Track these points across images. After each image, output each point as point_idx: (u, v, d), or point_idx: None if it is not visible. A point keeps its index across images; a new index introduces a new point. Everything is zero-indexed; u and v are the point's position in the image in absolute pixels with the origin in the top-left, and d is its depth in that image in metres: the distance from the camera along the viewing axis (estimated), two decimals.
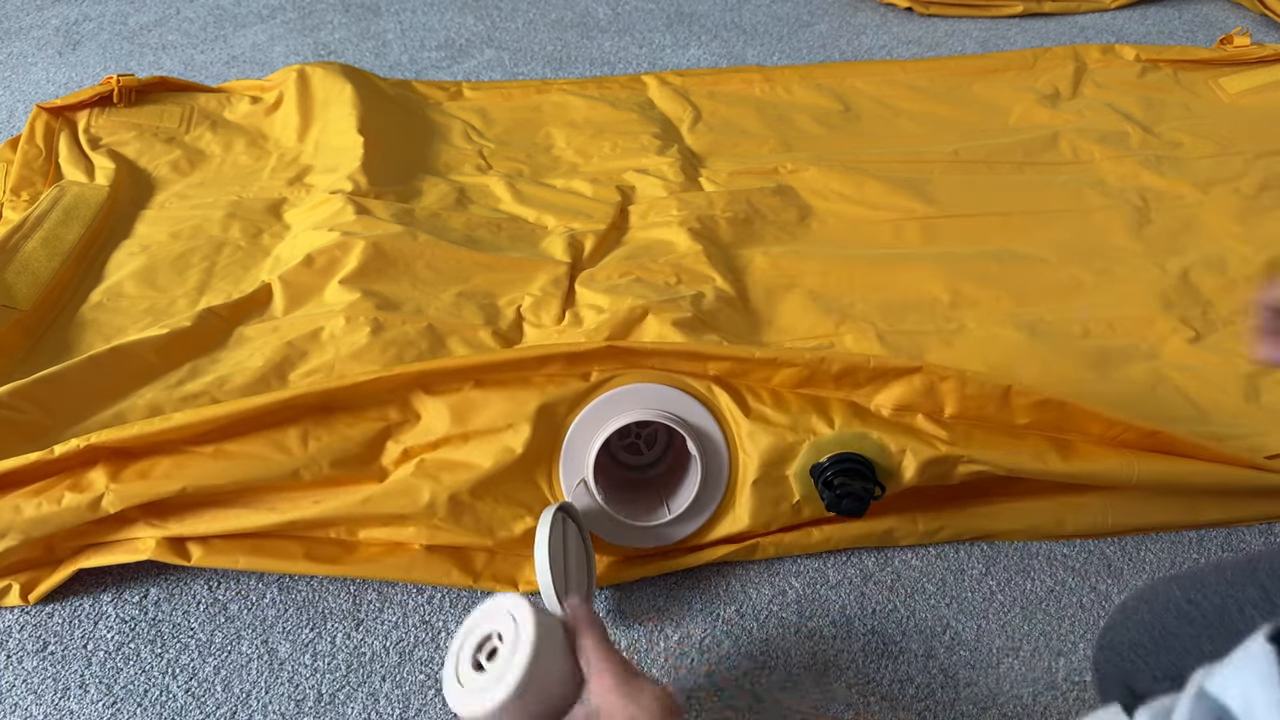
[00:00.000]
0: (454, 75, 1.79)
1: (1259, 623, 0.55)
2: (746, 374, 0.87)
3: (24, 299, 1.08)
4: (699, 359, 0.86)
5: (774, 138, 1.50)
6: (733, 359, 0.85)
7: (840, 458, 0.85)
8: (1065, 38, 1.91)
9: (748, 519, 0.89)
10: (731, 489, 0.89)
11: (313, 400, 0.84)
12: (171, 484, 0.82)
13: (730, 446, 0.88)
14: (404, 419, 0.86)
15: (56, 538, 0.87)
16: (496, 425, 0.85)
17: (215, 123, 1.46)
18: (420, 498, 0.84)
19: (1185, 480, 0.91)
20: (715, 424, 0.87)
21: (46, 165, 1.34)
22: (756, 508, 0.89)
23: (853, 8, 2.04)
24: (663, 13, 2.03)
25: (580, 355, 0.85)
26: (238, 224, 1.24)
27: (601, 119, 1.52)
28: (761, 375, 0.87)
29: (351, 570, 0.88)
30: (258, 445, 0.84)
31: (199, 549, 0.87)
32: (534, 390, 0.86)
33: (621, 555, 0.91)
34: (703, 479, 0.87)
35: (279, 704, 0.83)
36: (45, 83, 1.76)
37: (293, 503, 0.85)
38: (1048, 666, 0.86)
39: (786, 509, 0.89)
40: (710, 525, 0.90)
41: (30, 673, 0.85)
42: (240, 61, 1.85)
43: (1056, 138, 1.47)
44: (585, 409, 0.86)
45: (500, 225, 1.25)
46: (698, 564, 0.92)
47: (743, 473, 0.88)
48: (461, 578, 0.89)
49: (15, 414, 0.89)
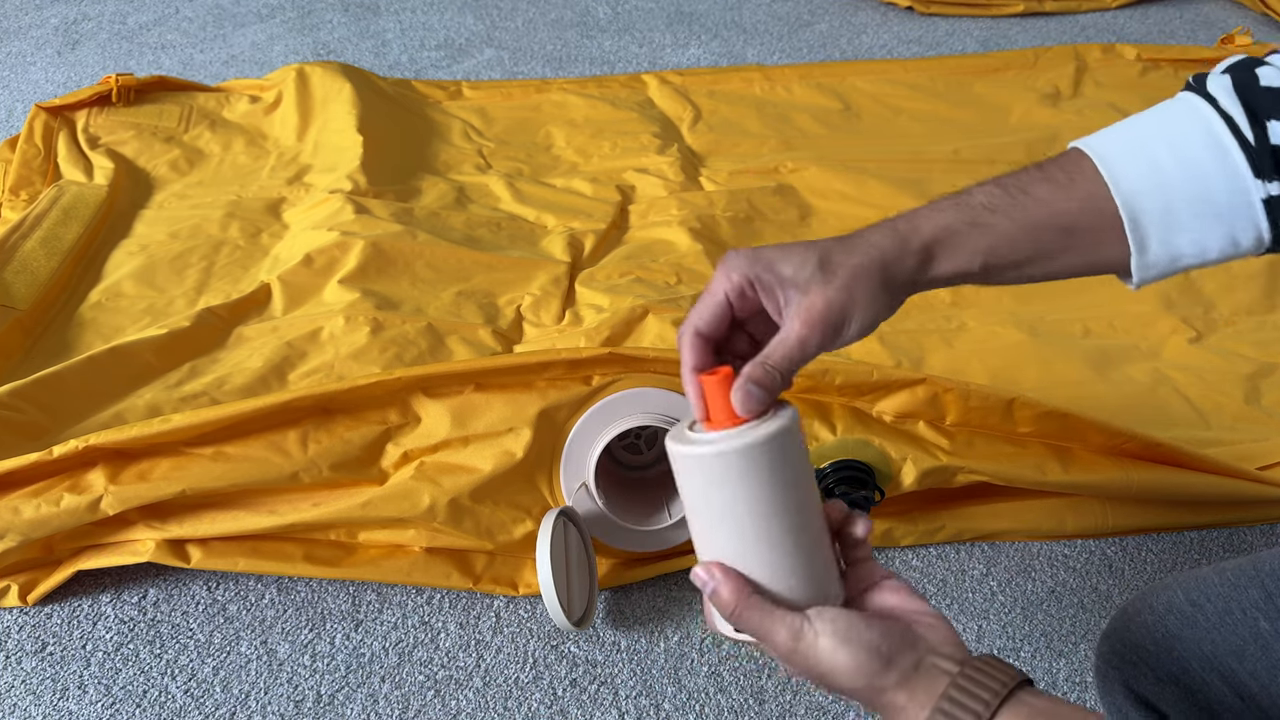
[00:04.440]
0: (454, 75, 1.79)
1: (1261, 625, 0.55)
2: None
3: (23, 299, 1.08)
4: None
5: (774, 137, 1.49)
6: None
7: (842, 465, 0.85)
8: (1066, 37, 1.91)
9: None
10: None
11: (312, 403, 0.83)
12: (171, 486, 0.82)
13: None
14: (404, 422, 0.86)
15: (55, 539, 0.87)
16: (497, 429, 0.85)
17: (214, 122, 1.46)
18: (420, 501, 0.84)
19: (1184, 490, 0.91)
20: None
21: (45, 165, 1.34)
22: None
23: (853, 7, 2.04)
24: (663, 12, 2.03)
25: (581, 361, 0.84)
26: (237, 223, 1.24)
27: (601, 118, 1.52)
28: None
29: (351, 573, 0.88)
30: (257, 448, 0.83)
31: (198, 551, 0.87)
32: (535, 394, 0.85)
33: (622, 558, 0.91)
34: None
35: (278, 705, 0.83)
36: (44, 82, 1.76)
37: (292, 505, 0.85)
38: (1048, 666, 0.86)
39: None
40: None
41: (29, 673, 0.84)
42: (239, 61, 1.84)
43: (1057, 137, 1.47)
44: (586, 413, 0.86)
45: (500, 224, 1.25)
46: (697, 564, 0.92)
47: None
48: (461, 580, 0.88)
49: (14, 414, 0.89)
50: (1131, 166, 0.54)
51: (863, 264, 0.54)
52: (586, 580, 0.86)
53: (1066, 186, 0.55)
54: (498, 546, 0.86)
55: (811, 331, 0.52)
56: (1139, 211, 0.54)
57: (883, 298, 0.55)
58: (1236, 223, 0.53)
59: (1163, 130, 0.54)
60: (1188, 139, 0.53)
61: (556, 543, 0.81)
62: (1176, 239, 0.54)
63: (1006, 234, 0.55)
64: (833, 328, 0.53)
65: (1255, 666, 0.54)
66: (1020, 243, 0.55)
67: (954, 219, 0.55)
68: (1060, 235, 0.55)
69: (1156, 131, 0.55)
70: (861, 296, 0.53)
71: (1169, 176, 0.53)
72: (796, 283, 0.53)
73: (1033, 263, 0.56)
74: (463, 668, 0.85)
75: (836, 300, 0.53)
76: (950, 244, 0.54)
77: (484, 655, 0.86)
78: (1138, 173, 0.54)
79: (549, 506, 0.86)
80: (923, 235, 0.54)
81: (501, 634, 0.88)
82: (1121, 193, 0.53)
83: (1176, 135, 0.54)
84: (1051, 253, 0.56)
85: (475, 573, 0.89)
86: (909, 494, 0.90)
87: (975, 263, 0.55)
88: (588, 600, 0.85)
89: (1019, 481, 0.89)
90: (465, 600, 0.91)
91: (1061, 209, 0.55)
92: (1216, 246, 0.54)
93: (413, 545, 0.88)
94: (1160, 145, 0.54)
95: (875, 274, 0.54)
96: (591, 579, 0.87)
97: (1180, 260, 0.55)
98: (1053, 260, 0.56)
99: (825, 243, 0.55)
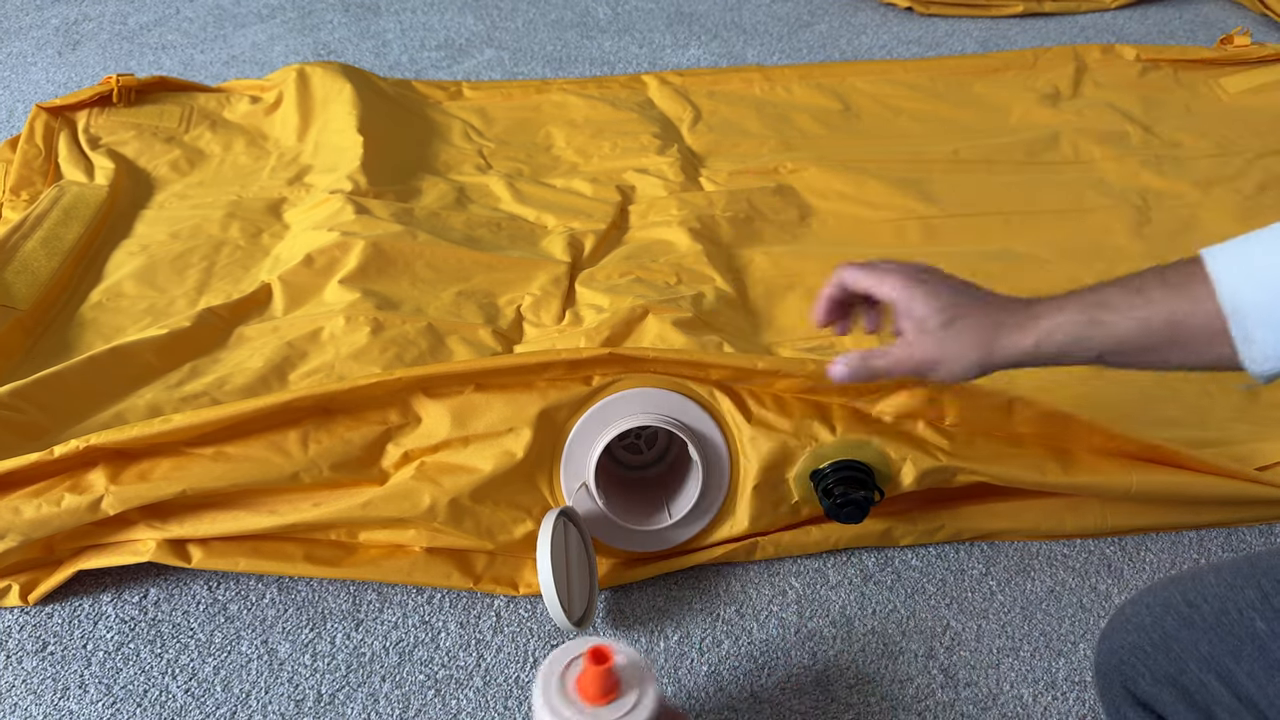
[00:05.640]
0: (454, 75, 1.79)
1: (1258, 625, 0.55)
2: (749, 379, 0.87)
3: (23, 299, 1.08)
4: (700, 368, 0.86)
5: (774, 137, 1.49)
6: (734, 369, 0.86)
7: (841, 465, 0.85)
8: (1065, 37, 1.91)
9: (747, 522, 0.89)
10: (732, 493, 0.89)
11: (313, 403, 0.83)
12: (171, 486, 0.82)
13: (731, 451, 0.88)
14: (404, 422, 0.86)
15: (56, 539, 0.87)
16: (497, 429, 0.85)
17: (215, 122, 1.46)
18: (421, 501, 0.84)
19: (1182, 491, 0.91)
20: (717, 429, 0.87)
21: (46, 165, 1.34)
22: (756, 512, 0.88)
23: (853, 7, 2.04)
24: (663, 13, 2.03)
25: (582, 361, 0.85)
26: (237, 224, 1.24)
27: (601, 119, 1.52)
28: (763, 381, 0.87)
29: (351, 572, 0.88)
30: (258, 448, 0.83)
31: (199, 551, 0.87)
32: (535, 394, 0.85)
33: (622, 558, 0.91)
34: (704, 484, 0.87)
35: (279, 704, 0.83)
36: (45, 82, 1.76)
37: (293, 505, 0.85)
38: (1048, 666, 0.86)
39: (786, 511, 0.89)
40: (710, 529, 0.90)
41: (30, 673, 0.85)
42: (240, 61, 1.85)
43: (1057, 137, 1.47)
44: (586, 413, 0.86)
45: (500, 225, 1.25)
46: (697, 564, 0.92)
47: (743, 477, 0.88)
48: (461, 580, 0.89)
49: (15, 414, 0.89)
50: (1233, 266, 0.59)
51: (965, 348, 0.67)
52: (587, 580, 0.86)
53: (1178, 288, 0.61)
54: (498, 546, 0.87)
55: (902, 369, 0.70)
56: (1242, 310, 0.58)
57: (971, 374, 0.69)
58: None
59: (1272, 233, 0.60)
60: None
61: (557, 543, 0.81)
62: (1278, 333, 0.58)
63: (1120, 334, 0.62)
64: (919, 373, 0.70)
65: (1252, 667, 0.54)
66: (1131, 341, 0.62)
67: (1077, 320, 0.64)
68: (1170, 331, 0.61)
69: (1267, 235, 0.60)
70: (957, 369, 0.68)
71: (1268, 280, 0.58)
72: (922, 326, 0.69)
73: (1143, 354, 0.63)
74: (463, 667, 0.86)
75: (933, 357, 0.68)
76: (1072, 354, 0.65)
77: (484, 655, 0.87)
78: (1238, 272, 0.59)
79: (549, 506, 0.86)
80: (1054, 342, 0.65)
81: (502, 633, 0.88)
82: (1224, 293, 0.58)
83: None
84: (1159, 348, 0.62)
85: (476, 572, 0.89)
86: (908, 494, 0.90)
87: (1091, 355, 0.65)
88: (588, 600, 0.85)
89: (1019, 482, 0.89)
90: (466, 600, 0.91)
91: (1172, 306, 0.60)
92: None
93: (413, 545, 0.88)
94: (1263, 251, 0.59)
95: (974, 362, 0.67)
96: (592, 579, 0.87)
97: None
98: (1161, 353, 0.62)
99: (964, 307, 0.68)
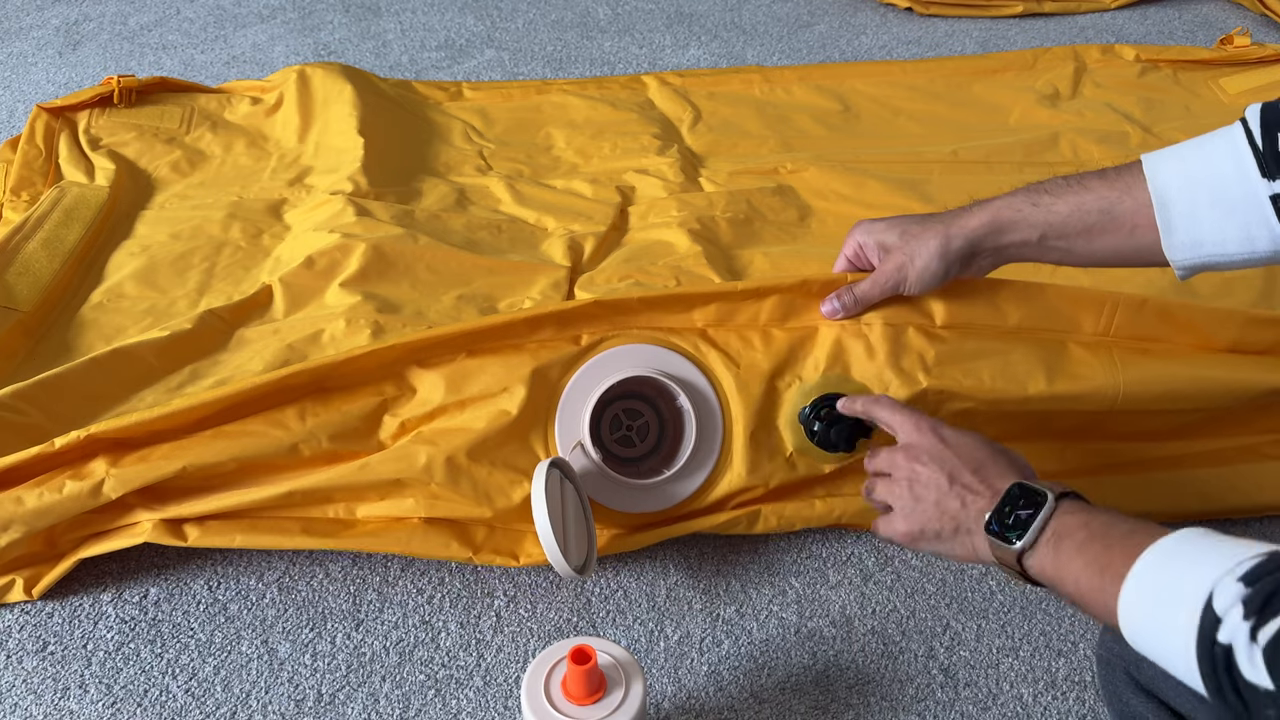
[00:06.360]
0: (454, 75, 1.79)
1: None
2: (733, 315, 0.89)
3: (25, 300, 1.08)
4: (685, 302, 0.89)
5: (774, 138, 1.50)
6: (717, 296, 0.89)
7: (822, 400, 0.87)
8: (1065, 38, 1.92)
9: (745, 474, 0.89)
10: (727, 444, 0.90)
11: (308, 378, 0.85)
12: (171, 464, 0.83)
13: (721, 399, 0.89)
14: (400, 393, 0.88)
15: (58, 530, 0.88)
16: (491, 390, 0.87)
17: (215, 123, 1.46)
18: (417, 461, 0.85)
19: (1171, 386, 0.90)
20: (705, 378, 0.89)
21: (46, 166, 1.34)
22: (753, 461, 0.89)
23: (853, 8, 2.05)
24: (663, 13, 2.04)
25: (568, 314, 0.87)
26: (238, 225, 1.24)
27: (601, 119, 1.52)
28: (749, 314, 0.89)
29: (350, 544, 0.89)
30: (256, 424, 0.85)
31: (195, 530, 0.88)
32: (527, 355, 0.88)
33: (624, 527, 0.91)
34: (697, 433, 0.88)
35: (279, 704, 0.83)
36: (45, 83, 1.76)
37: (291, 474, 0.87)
38: (1048, 666, 0.86)
39: (782, 462, 0.90)
40: (710, 484, 0.91)
41: (30, 673, 0.85)
42: (240, 62, 1.85)
43: (1056, 138, 1.47)
44: (578, 371, 0.88)
45: (500, 227, 1.25)
46: (701, 530, 0.92)
47: (736, 425, 0.89)
48: (461, 550, 0.89)
49: (16, 416, 0.89)
50: (1165, 165, 0.71)
51: (926, 239, 0.80)
52: (585, 531, 0.86)
53: (1114, 180, 0.73)
54: (496, 514, 0.87)
55: (881, 282, 0.84)
56: (1168, 200, 0.70)
57: (936, 265, 0.80)
58: (1249, 216, 0.67)
59: (1200, 144, 0.71)
60: (1216, 149, 0.69)
61: (552, 490, 0.82)
62: (1199, 226, 0.69)
63: (1059, 213, 0.75)
64: (894, 283, 0.84)
65: None
66: (1067, 224, 0.74)
67: (1021, 200, 0.77)
68: (1102, 216, 0.73)
69: (1195, 144, 0.71)
70: (922, 259, 0.81)
71: (1195, 175, 0.69)
72: (885, 246, 0.84)
73: (1080, 237, 0.75)
74: (463, 667, 0.86)
75: (900, 260, 0.82)
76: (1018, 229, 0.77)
77: (484, 654, 0.87)
78: (1170, 169, 0.71)
79: None
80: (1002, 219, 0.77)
81: (502, 633, 0.88)
82: (1154, 184, 0.70)
83: (1209, 147, 0.70)
84: (1093, 231, 0.74)
85: (475, 543, 0.90)
86: None
87: (1034, 235, 0.76)
88: (587, 549, 0.86)
89: (1003, 401, 0.89)
90: (466, 599, 0.91)
91: (1105, 194, 0.73)
92: (1234, 238, 0.68)
93: (411, 516, 0.89)
94: (1193, 152, 0.71)
95: (936, 249, 0.80)
96: (589, 528, 0.87)
97: (1203, 246, 0.70)
98: (1095, 238, 0.74)
99: (912, 220, 0.82)
